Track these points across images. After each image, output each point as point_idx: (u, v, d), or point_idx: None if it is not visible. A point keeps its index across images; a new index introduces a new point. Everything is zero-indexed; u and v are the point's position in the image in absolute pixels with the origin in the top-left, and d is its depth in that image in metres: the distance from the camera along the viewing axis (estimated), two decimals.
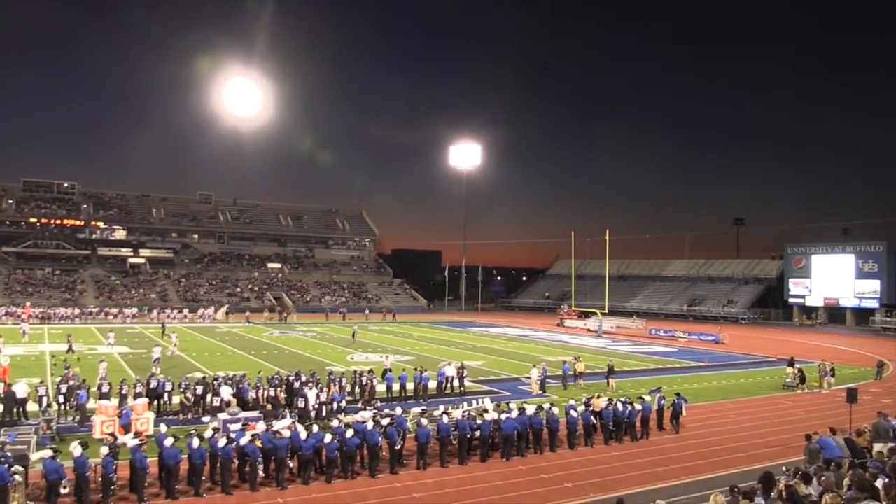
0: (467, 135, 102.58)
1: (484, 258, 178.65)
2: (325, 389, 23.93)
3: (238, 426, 18.66)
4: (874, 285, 73.48)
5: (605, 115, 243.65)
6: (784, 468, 14.58)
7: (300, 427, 17.85)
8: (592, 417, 21.65)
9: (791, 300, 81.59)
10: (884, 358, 41.98)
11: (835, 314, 77.93)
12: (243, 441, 16.66)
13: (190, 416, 23.32)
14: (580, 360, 33.88)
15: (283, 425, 18.55)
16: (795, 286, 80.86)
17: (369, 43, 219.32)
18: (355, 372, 27.51)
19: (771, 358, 44.77)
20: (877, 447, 15.97)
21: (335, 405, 23.35)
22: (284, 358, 40.40)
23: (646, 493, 16.08)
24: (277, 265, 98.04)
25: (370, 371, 27.41)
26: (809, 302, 79.64)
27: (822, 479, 11.19)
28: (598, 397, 23.32)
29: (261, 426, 18.57)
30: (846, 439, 17.07)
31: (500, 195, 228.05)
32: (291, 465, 17.06)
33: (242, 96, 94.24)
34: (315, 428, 18.01)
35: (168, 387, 24.64)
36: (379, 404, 23.90)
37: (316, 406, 23.10)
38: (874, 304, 73.27)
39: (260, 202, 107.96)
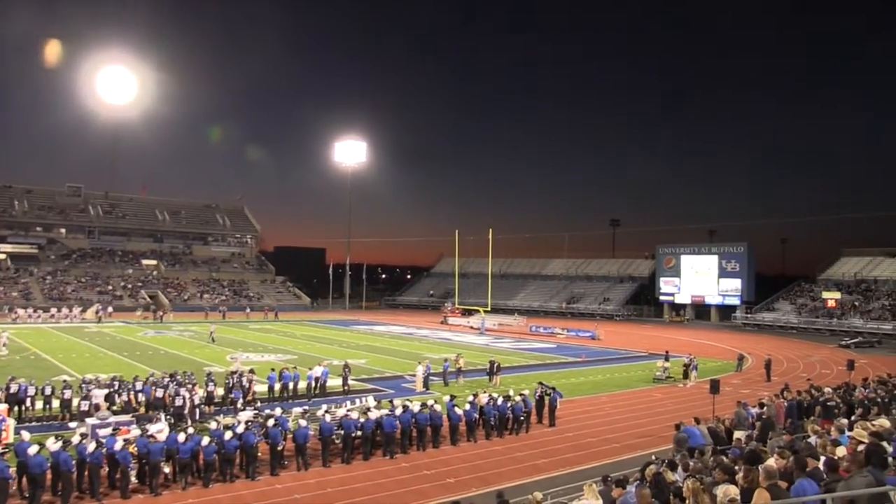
0: (353, 132, 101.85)
1: (369, 256, 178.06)
2: (202, 390, 23.18)
3: (108, 431, 17.73)
4: (736, 284, 78.42)
5: (489, 114, 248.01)
6: (654, 457, 15.31)
7: (174, 430, 17.22)
8: (475, 413, 21.99)
9: (662, 298, 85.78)
10: (744, 351, 44.96)
11: (701, 311, 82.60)
12: (117, 447, 15.87)
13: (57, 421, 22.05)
14: (462, 356, 34.34)
15: (157, 429, 17.82)
16: (666, 285, 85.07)
17: (254, 36, 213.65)
18: (233, 372, 26.74)
19: (643, 353, 46.92)
20: (736, 434, 17.04)
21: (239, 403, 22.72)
22: (160, 359, 38.74)
23: (525, 486, 16.48)
24: (153, 262, 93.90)
25: (251, 371, 26.76)
26: (678, 299, 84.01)
27: (689, 465, 11.85)
28: (483, 393, 23.70)
29: (135, 430, 17.76)
30: (709, 428, 18.13)
31: (385, 193, 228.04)
32: (167, 470, 16.40)
33: (116, 85, 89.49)
34: (191, 430, 17.42)
35: (31, 391, 23.13)
36: (259, 404, 23.39)
37: (194, 407, 22.35)
38: (736, 301, 78.17)
39: (134, 196, 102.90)
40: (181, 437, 16.63)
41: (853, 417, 15.17)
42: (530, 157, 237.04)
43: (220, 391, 25.11)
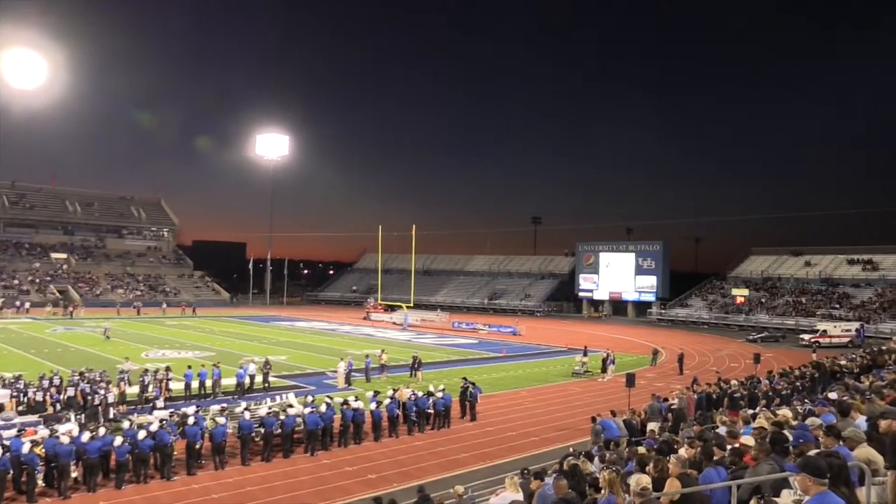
0: (275, 125, 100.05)
1: (290, 251, 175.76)
2: (116, 388, 22.47)
3: (13, 432, 16.95)
4: (651, 281, 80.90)
5: (412, 110, 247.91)
6: (571, 449, 15.72)
7: (83, 430, 16.63)
8: (396, 409, 22.04)
9: (581, 294, 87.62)
10: (658, 346, 46.45)
11: (618, 307, 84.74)
12: (25, 449, 15.20)
13: None
14: (385, 352, 34.33)
15: (66, 429, 17.15)
16: (585, 281, 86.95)
17: (172, 22, 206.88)
18: (146, 370, 26.00)
19: (562, 348, 47.88)
20: (650, 426, 17.65)
21: (159, 402, 22.00)
22: (70, 356, 37.24)
23: (447, 480, 16.65)
24: (63, 255, 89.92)
25: (167, 368, 26.09)
26: (597, 296, 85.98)
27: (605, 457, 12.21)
28: (406, 388, 23.76)
29: (42, 431, 17.05)
30: (625, 420, 18.72)
31: (308, 187, 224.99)
32: (76, 472, 15.82)
33: (24, 69, 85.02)
34: (102, 430, 16.86)
35: None
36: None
37: (108, 406, 21.66)
38: (651, 297, 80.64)
39: (44, 186, 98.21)
40: (85, 436, 16.06)
41: (758, 408, 15.89)
42: (454, 154, 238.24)
43: (134, 389, 24.39)
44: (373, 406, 21.47)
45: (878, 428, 7.28)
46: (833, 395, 13.11)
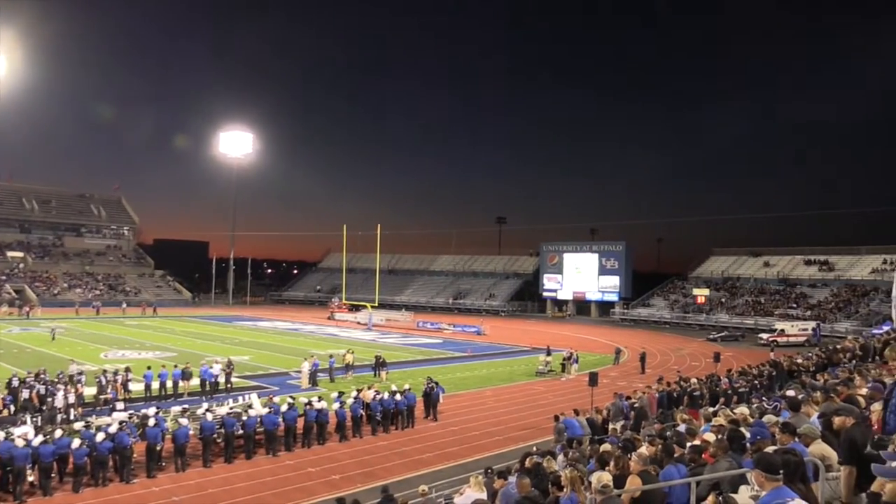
0: (239, 122, 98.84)
1: (254, 250, 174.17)
2: (73, 389, 22.05)
3: None
4: (614, 281, 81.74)
5: (377, 109, 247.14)
6: (535, 448, 15.80)
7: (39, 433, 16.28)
8: (360, 409, 21.97)
9: (545, 294, 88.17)
10: (621, 345, 46.93)
11: (582, 306, 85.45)
12: None
13: None
14: (352, 352, 34.20)
15: (21, 432, 16.76)
16: (549, 281, 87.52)
17: (136, 13, 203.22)
18: (105, 371, 25.55)
19: (526, 347, 48.16)
20: (613, 424, 17.81)
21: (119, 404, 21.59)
22: (26, 357, 36.41)
23: (411, 480, 16.65)
24: (19, 254, 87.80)
25: (126, 369, 25.66)
26: (561, 295, 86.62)
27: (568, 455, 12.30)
28: (369, 388, 23.69)
29: None
30: (588, 419, 18.87)
31: (272, 186, 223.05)
32: (32, 476, 15.47)
33: None
34: (59, 433, 16.53)
35: None
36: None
37: (68, 407, 21.25)
38: (614, 297, 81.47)
39: None
40: (37, 439, 15.73)
41: (717, 406, 16.15)
42: (419, 154, 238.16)
43: (92, 391, 23.96)
44: (336, 406, 21.37)
45: (832, 425, 7.44)
46: (790, 393, 13.37)
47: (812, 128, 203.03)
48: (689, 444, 8.90)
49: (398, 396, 22.94)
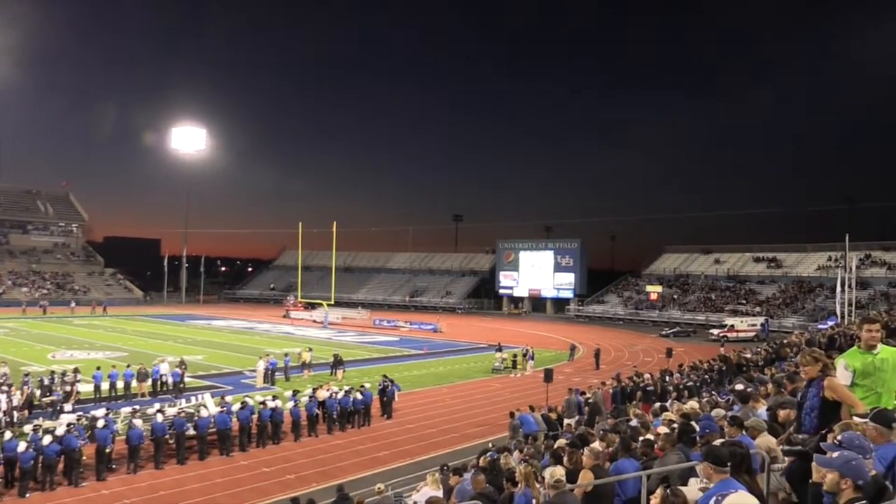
0: (191, 118, 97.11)
1: (207, 248, 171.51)
2: (20, 392, 21.45)
3: None
4: (570, 278, 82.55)
5: (331, 104, 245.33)
6: (491, 444, 15.90)
7: None
8: (316, 408, 21.83)
9: (501, 291, 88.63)
10: (576, 342, 47.46)
11: (537, 303, 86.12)
12: None
13: None
14: (310, 350, 33.96)
15: None
16: (505, 278, 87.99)
17: (83, 11, 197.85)
18: (53, 372, 24.93)
19: (482, 344, 48.36)
20: (567, 420, 18.04)
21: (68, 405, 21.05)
22: None
23: (367, 478, 16.60)
24: None
25: (75, 370, 25.08)
26: (517, 293, 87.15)
27: (524, 450, 12.41)
28: (323, 387, 23.55)
29: None
30: (543, 415, 19.07)
31: (226, 183, 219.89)
32: None
33: None
34: (8, 434, 16.10)
35: None
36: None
37: (11, 410, 20.67)
38: (569, 294, 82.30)
39: None
40: None
41: (669, 401, 16.45)
42: (375, 150, 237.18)
43: (38, 392, 23.34)
44: (290, 405, 21.21)
45: (778, 417, 7.66)
46: (739, 387, 13.67)
47: (762, 129, 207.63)
48: (641, 439, 9.06)
49: (354, 395, 22.85)
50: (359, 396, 22.88)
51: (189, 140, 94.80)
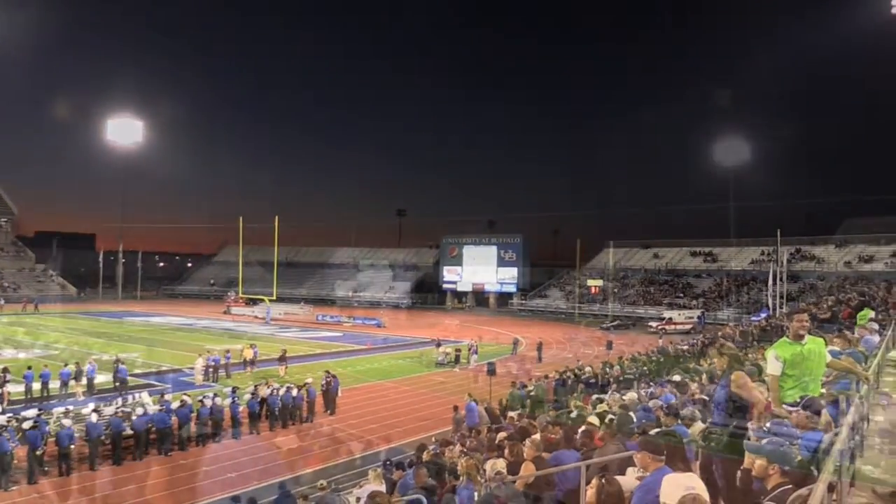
0: (129, 110, 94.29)
1: (145, 243, 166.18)
2: None
3: None
4: (512, 272, 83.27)
5: (273, 97, 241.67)
6: (434, 438, 15.95)
7: None
8: (257, 405, 21.55)
9: (445, 286, 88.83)
10: (518, 335, 47.91)
11: (481, 298, 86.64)
12: None
13: None
14: (253, 346, 33.51)
15: None
16: (449, 273, 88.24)
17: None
18: None
19: (426, 339, 48.42)
20: (510, 413, 18.21)
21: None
22: None
23: (309, 475, 16.46)
24: None
25: (4, 370, 24.20)
26: (461, 287, 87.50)
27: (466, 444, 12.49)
28: (265, 384, 23.25)
29: None
30: (486, 408, 19.22)
31: (165, 176, 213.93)
32: None
33: None
34: None
35: None
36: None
37: None
38: (513, 288, 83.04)
39: None
40: None
41: (608, 392, 16.76)
42: (318, 144, 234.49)
43: None
44: (228, 402, 20.90)
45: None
46: (676, 378, 14.03)
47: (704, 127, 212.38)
48: (580, 430, 9.21)
49: (295, 392, 22.64)
50: (302, 392, 22.67)
51: (126, 132, 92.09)
